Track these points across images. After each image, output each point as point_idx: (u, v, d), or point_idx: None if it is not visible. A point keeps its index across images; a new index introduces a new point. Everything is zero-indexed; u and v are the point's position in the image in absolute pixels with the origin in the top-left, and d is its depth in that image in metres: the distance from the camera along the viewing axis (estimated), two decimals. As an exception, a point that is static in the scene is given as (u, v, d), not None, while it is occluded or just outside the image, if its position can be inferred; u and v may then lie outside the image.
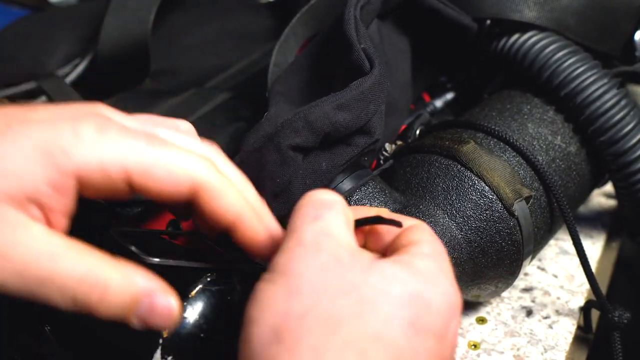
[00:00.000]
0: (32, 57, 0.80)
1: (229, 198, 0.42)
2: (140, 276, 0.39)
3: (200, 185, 0.41)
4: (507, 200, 0.58)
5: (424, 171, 0.60)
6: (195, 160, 0.41)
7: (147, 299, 0.39)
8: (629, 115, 0.64)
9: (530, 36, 0.67)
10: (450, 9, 0.67)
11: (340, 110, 0.54)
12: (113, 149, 0.39)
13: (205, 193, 0.41)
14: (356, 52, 0.57)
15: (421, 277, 0.40)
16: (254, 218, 0.43)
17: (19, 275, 0.37)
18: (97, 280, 0.38)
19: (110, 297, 0.38)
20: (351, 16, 0.58)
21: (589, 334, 0.67)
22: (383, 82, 0.56)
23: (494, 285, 0.62)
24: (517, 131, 0.64)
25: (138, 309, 0.39)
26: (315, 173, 0.56)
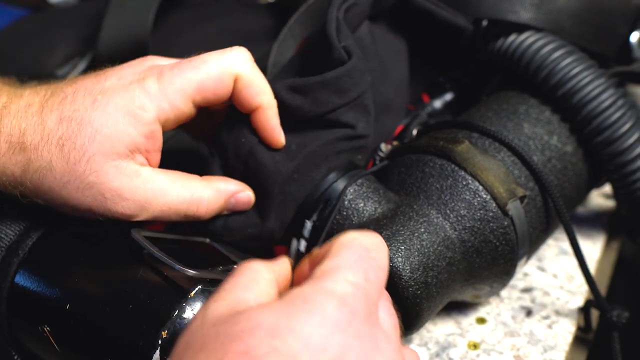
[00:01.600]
0: (32, 57, 0.80)
1: (259, 87, 0.54)
2: (225, 183, 0.55)
3: (239, 76, 0.53)
4: (500, 199, 0.58)
5: (418, 171, 0.60)
6: (233, 59, 0.54)
7: (233, 199, 0.55)
8: (625, 115, 0.63)
9: (526, 37, 0.67)
10: (444, 10, 0.67)
11: (294, 93, 0.57)
12: (173, 86, 0.51)
13: (242, 81, 0.53)
14: (337, 51, 0.57)
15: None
16: (273, 105, 0.55)
17: (144, 209, 0.51)
18: (200, 199, 0.53)
19: (210, 207, 0.54)
20: (333, 17, 0.59)
21: (588, 334, 0.67)
22: (354, 77, 0.57)
23: (489, 285, 0.62)
24: (513, 131, 0.64)
25: (227, 206, 0.56)
26: (285, 153, 0.57)
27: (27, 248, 0.54)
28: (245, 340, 0.35)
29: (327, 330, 0.37)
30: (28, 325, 0.54)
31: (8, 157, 0.50)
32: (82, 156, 0.49)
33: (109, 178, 0.50)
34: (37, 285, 0.53)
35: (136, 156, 0.51)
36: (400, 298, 0.55)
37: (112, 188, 0.50)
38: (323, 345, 0.36)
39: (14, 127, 0.50)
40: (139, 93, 0.50)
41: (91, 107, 0.50)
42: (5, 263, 0.54)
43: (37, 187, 0.50)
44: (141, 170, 0.51)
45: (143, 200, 0.51)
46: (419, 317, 0.56)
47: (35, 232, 0.55)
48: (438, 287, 0.56)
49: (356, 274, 0.40)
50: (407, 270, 0.55)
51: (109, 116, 0.50)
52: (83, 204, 0.50)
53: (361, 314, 0.38)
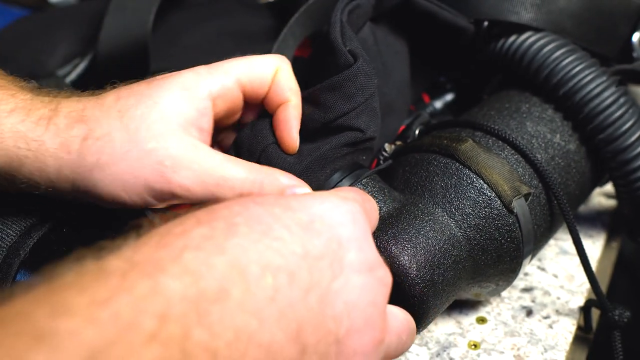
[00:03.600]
0: (32, 57, 0.80)
1: (292, 84, 0.56)
2: (282, 175, 0.53)
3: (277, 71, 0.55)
4: (505, 197, 0.58)
5: (422, 170, 0.61)
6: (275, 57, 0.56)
7: (290, 190, 0.52)
8: (627, 113, 0.64)
9: (527, 36, 0.67)
10: (446, 11, 0.67)
11: (304, 102, 0.57)
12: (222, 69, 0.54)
13: (278, 77, 0.55)
14: (344, 55, 0.57)
15: None
16: (298, 105, 0.57)
17: (200, 181, 0.50)
18: (254, 181, 0.51)
19: (266, 191, 0.52)
20: (337, 20, 0.59)
21: (589, 333, 0.68)
22: (359, 80, 0.57)
23: (495, 283, 0.62)
24: (516, 129, 0.64)
25: None
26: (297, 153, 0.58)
27: (28, 248, 0.54)
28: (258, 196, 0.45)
29: (327, 206, 0.45)
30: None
31: (67, 133, 0.50)
32: (141, 124, 0.50)
33: (170, 145, 0.50)
34: (39, 285, 0.53)
35: (193, 131, 0.52)
36: (407, 296, 0.55)
37: (172, 155, 0.50)
38: (320, 212, 0.44)
39: (73, 107, 0.51)
40: (190, 74, 0.53)
41: (147, 87, 0.52)
42: (6, 263, 0.54)
43: (95, 163, 0.50)
44: (199, 144, 0.52)
45: (202, 171, 0.50)
46: (426, 315, 0.56)
47: (36, 232, 0.55)
48: (444, 284, 0.56)
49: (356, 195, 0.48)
50: (413, 268, 0.55)
51: (165, 91, 0.52)
52: (141, 176, 0.50)
53: (358, 213, 0.46)
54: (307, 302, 0.40)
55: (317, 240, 0.42)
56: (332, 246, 0.43)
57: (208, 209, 0.42)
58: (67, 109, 0.51)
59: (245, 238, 0.40)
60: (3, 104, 0.51)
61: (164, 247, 0.37)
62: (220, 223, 0.40)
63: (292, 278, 0.40)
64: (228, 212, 0.41)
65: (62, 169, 0.50)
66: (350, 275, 0.43)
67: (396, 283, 0.55)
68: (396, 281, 0.54)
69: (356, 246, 0.44)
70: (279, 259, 0.40)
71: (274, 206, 0.43)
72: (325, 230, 0.43)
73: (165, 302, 0.33)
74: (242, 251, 0.39)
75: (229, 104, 0.55)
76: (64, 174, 0.50)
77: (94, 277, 0.34)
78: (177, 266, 0.36)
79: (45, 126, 0.50)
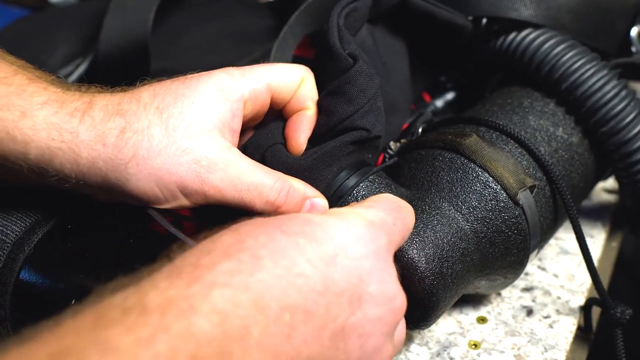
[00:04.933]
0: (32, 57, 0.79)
1: (313, 94, 0.58)
2: (305, 186, 0.55)
3: (304, 75, 0.57)
4: (511, 189, 0.59)
5: (428, 165, 0.61)
6: (301, 67, 0.58)
7: (309, 201, 0.55)
8: (629, 106, 0.64)
9: (527, 33, 0.67)
10: (444, 10, 0.67)
11: None
12: (253, 73, 0.55)
13: (303, 85, 0.57)
14: (344, 59, 0.58)
15: None
16: (315, 114, 0.58)
17: (232, 184, 0.51)
18: (282, 188, 0.53)
19: (289, 201, 0.53)
20: (334, 24, 0.59)
21: (589, 333, 0.68)
22: (358, 82, 0.57)
23: (503, 276, 0.62)
24: (519, 124, 0.64)
25: (303, 209, 0.55)
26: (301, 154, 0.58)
27: (32, 244, 0.54)
28: (284, 221, 0.45)
29: (351, 236, 0.45)
30: (33, 321, 0.53)
31: (104, 124, 0.50)
32: (180, 122, 0.51)
33: (206, 146, 0.51)
34: (42, 281, 0.53)
35: (226, 133, 0.53)
36: (417, 289, 0.55)
37: (208, 156, 0.51)
38: (344, 244, 0.44)
39: (108, 100, 0.51)
40: (224, 76, 0.54)
41: (182, 86, 0.53)
42: (11, 259, 0.53)
43: (132, 156, 0.50)
44: (232, 148, 0.53)
45: (234, 175, 0.51)
46: (435, 308, 0.56)
47: (41, 228, 0.54)
48: (453, 277, 0.56)
49: (386, 215, 0.48)
50: (422, 261, 0.55)
51: (201, 91, 0.52)
52: (176, 173, 0.50)
53: (382, 242, 0.47)
54: (321, 338, 0.41)
55: (338, 275, 0.43)
56: (352, 281, 0.44)
57: (234, 233, 0.43)
58: (102, 102, 0.51)
59: (269, 273, 0.40)
60: (36, 96, 0.50)
61: (195, 282, 0.38)
62: (246, 256, 0.41)
63: (308, 316, 0.41)
64: (254, 243, 0.42)
65: (96, 161, 0.50)
66: (368, 308, 0.44)
67: (405, 277, 0.55)
68: (405, 275, 0.55)
69: (377, 278, 0.45)
70: (299, 297, 0.41)
71: (299, 236, 0.43)
72: (347, 264, 0.44)
73: (196, 343, 0.36)
74: (266, 288, 0.40)
75: (258, 107, 0.56)
76: (97, 167, 0.50)
77: (137, 315, 0.36)
78: (207, 305, 0.37)
79: (80, 118, 0.50)
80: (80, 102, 0.51)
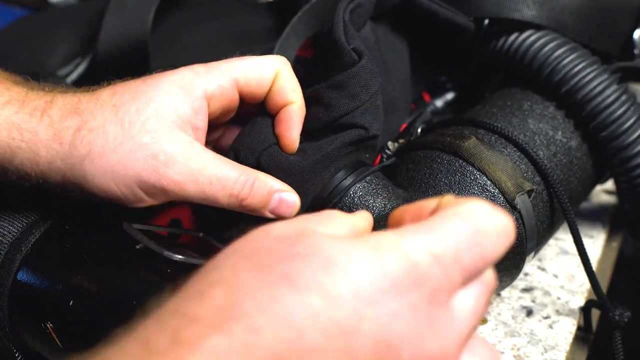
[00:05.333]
0: (32, 57, 0.80)
1: (294, 86, 0.56)
2: (273, 180, 0.53)
3: (278, 73, 0.55)
4: (509, 193, 0.58)
5: (426, 167, 0.61)
6: (276, 58, 0.56)
7: (277, 196, 0.53)
8: (629, 111, 0.64)
9: (529, 35, 0.67)
10: (446, 10, 0.67)
11: (308, 101, 0.58)
12: (219, 68, 0.54)
13: (280, 78, 0.55)
14: (348, 54, 0.57)
15: None
16: (302, 107, 0.57)
17: (193, 178, 0.50)
18: (247, 181, 0.52)
19: (254, 194, 0.52)
20: (340, 19, 0.59)
21: (589, 334, 0.67)
22: (362, 78, 0.57)
23: (499, 279, 0.62)
24: (518, 127, 0.64)
25: (271, 204, 0.53)
26: (299, 155, 0.57)
27: (29, 244, 0.54)
28: (294, 264, 0.34)
29: (383, 287, 0.34)
30: (30, 321, 0.53)
31: (61, 124, 0.50)
32: (136, 119, 0.50)
33: (164, 140, 0.50)
34: (40, 281, 0.53)
35: (187, 130, 0.52)
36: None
37: (166, 151, 0.50)
38: (371, 299, 0.33)
39: (68, 99, 0.52)
40: (188, 73, 0.53)
41: (143, 84, 0.52)
42: (8, 259, 0.54)
43: (87, 154, 0.50)
44: (193, 142, 0.52)
45: (195, 169, 0.50)
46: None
47: (38, 228, 0.55)
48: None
49: (447, 250, 0.36)
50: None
51: (160, 89, 0.52)
52: (132, 169, 0.50)
53: (428, 289, 0.34)
54: None
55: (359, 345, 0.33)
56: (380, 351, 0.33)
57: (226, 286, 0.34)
58: (62, 101, 0.52)
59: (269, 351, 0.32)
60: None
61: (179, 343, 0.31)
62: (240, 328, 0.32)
63: None
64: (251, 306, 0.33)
65: (54, 159, 0.51)
66: None
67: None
68: None
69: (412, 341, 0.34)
70: None
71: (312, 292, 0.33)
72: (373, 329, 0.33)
73: None
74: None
75: (225, 104, 0.55)
76: (56, 165, 0.51)
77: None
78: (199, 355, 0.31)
79: (39, 117, 0.51)
80: (42, 102, 0.51)
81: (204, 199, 0.51)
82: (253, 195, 0.52)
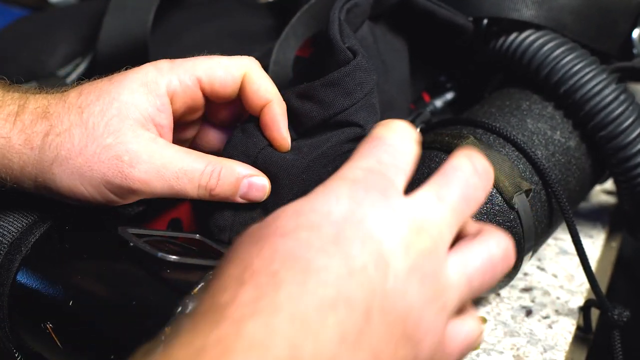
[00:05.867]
0: (32, 57, 0.80)
1: (267, 84, 0.55)
2: (240, 166, 0.54)
3: (248, 73, 0.55)
4: (506, 193, 0.59)
5: (424, 167, 0.61)
6: (243, 59, 0.56)
7: (246, 181, 0.54)
8: (628, 110, 0.64)
9: (528, 34, 0.67)
10: (445, 10, 0.67)
11: (302, 98, 0.57)
12: (183, 66, 0.54)
13: (251, 79, 0.55)
14: (342, 53, 0.57)
15: None
16: (281, 102, 0.56)
17: (159, 175, 0.51)
18: (214, 171, 0.53)
19: (223, 183, 0.53)
20: (335, 18, 0.59)
21: (588, 333, 0.67)
22: (357, 76, 0.57)
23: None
24: (516, 127, 0.64)
25: (241, 190, 0.54)
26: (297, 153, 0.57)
27: (29, 245, 0.54)
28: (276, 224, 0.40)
29: (344, 204, 0.40)
30: (30, 322, 0.53)
31: (31, 129, 0.51)
32: (100, 120, 0.51)
33: (127, 140, 0.51)
34: (40, 282, 0.52)
35: (151, 127, 0.53)
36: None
37: (129, 150, 0.51)
38: (343, 216, 0.39)
39: (39, 103, 0.52)
40: (152, 70, 0.54)
41: (108, 82, 0.53)
42: (8, 260, 0.54)
43: (54, 158, 0.51)
44: (157, 138, 0.53)
45: (160, 165, 0.51)
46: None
47: (38, 228, 0.55)
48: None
49: (368, 160, 0.43)
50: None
51: (125, 87, 0.52)
52: (98, 170, 0.51)
53: (376, 189, 0.41)
54: (370, 321, 0.37)
55: (353, 249, 0.38)
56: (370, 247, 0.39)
57: (236, 261, 0.39)
58: (33, 105, 0.52)
59: (292, 285, 0.36)
60: None
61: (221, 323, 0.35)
62: (262, 277, 0.36)
63: (349, 305, 0.36)
64: (261, 262, 0.37)
65: (26, 165, 0.52)
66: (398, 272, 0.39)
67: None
68: None
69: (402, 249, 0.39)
70: (331, 290, 0.36)
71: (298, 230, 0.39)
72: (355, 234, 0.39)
73: None
74: (296, 301, 0.36)
75: (188, 102, 0.55)
76: (27, 170, 0.52)
77: None
78: (242, 341, 0.34)
79: (12, 123, 0.52)
80: (15, 106, 0.52)
81: (174, 193, 0.52)
82: (221, 184, 0.53)
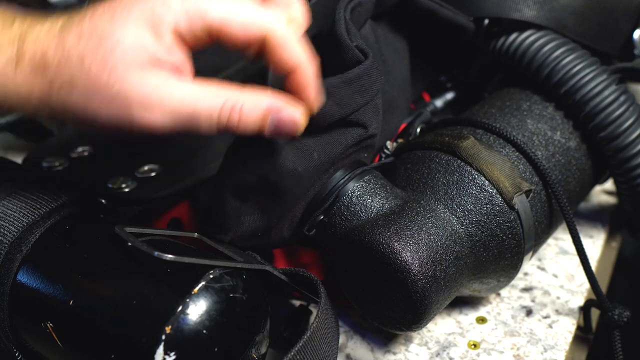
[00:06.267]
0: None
1: (292, 47, 0.50)
2: (266, 96, 0.50)
3: (270, 36, 0.50)
4: (506, 193, 0.59)
5: (424, 167, 0.61)
6: (266, 16, 0.50)
7: (276, 113, 0.49)
8: (628, 111, 0.64)
9: (528, 35, 0.67)
10: (446, 10, 0.67)
11: None
12: (196, 8, 0.49)
13: (273, 43, 0.50)
14: (350, 51, 0.57)
15: None
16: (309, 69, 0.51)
17: (173, 118, 0.48)
18: (235, 104, 0.49)
19: (247, 116, 0.49)
20: (341, 17, 0.59)
21: (588, 333, 0.67)
22: (373, 75, 0.57)
23: (496, 280, 0.62)
24: (517, 127, 0.64)
25: (269, 125, 0.50)
26: (307, 162, 0.56)
27: (30, 244, 0.54)
28: None
29: None
30: (30, 321, 0.53)
31: (32, 79, 0.49)
32: (103, 68, 0.48)
33: (134, 87, 0.48)
34: (40, 281, 0.53)
35: (161, 66, 0.49)
36: (409, 292, 0.55)
37: (137, 97, 0.48)
38: None
39: (37, 49, 0.49)
40: (159, 6, 0.50)
41: (110, 22, 0.49)
42: (8, 259, 0.54)
43: (64, 106, 0.49)
44: (168, 78, 0.49)
45: (171, 108, 0.48)
46: (428, 311, 0.56)
47: (38, 228, 0.55)
48: (446, 280, 0.56)
49: None
50: (416, 264, 0.55)
51: (128, 28, 0.49)
52: (111, 117, 0.49)
53: None
54: None
55: None
56: None
57: None
58: (30, 51, 0.50)
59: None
60: None
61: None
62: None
63: None
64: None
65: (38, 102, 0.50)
66: None
67: (399, 279, 0.55)
68: (399, 277, 0.55)
69: None
70: None
71: None
72: None
73: None
74: None
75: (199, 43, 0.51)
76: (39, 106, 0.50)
77: None
78: None
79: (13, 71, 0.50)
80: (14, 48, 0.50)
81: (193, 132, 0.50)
82: (244, 121, 0.50)
